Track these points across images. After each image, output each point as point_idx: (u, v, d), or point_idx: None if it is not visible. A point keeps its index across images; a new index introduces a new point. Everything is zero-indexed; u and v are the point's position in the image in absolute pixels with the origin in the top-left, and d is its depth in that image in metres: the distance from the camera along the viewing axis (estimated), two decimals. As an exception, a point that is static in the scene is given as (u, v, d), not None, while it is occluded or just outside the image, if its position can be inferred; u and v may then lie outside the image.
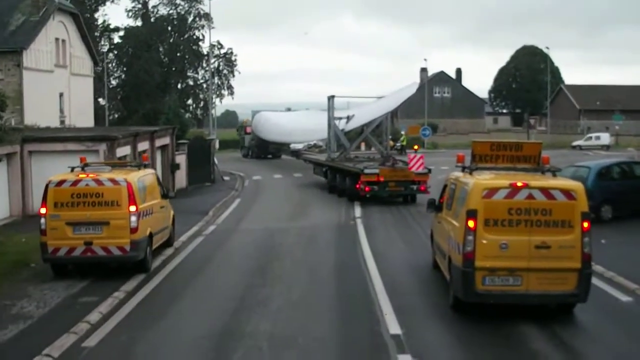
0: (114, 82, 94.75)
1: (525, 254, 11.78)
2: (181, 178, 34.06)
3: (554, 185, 12.11)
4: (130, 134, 25.98)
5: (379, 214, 25.87)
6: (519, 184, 11.97)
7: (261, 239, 20.89)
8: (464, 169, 13.80)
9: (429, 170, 28.37)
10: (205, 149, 37.97)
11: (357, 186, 27.79)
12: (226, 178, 40.77)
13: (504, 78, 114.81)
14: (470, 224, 11.91)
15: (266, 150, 57.21)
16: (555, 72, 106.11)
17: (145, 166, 17.95)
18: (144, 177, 16.68)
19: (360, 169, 27.97)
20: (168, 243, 18.74)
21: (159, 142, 30.28)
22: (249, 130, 59.89)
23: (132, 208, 15.02)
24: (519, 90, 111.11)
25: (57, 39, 43.16)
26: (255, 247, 19.58)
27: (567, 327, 11.89)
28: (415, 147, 34.76)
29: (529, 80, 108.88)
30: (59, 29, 43.64)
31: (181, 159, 34.23)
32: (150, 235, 16.21)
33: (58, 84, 43.17)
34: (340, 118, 34.91)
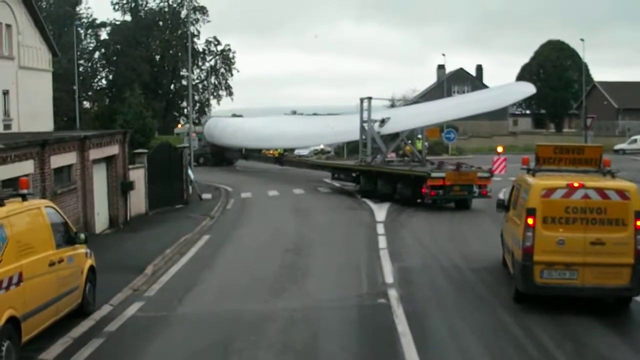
0: (101, 83, 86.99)
1: (581, 249, 12.51)
2: (138, 201, 25.23)
3: (609, 186, 12.84)
4: (29, 143, 16.72)
5: (424, 274, 15.97)
6: (576, 184, 12.74)
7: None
8: (528, 170, 14.29)
9: (492, 175, 27.90)
10: (175, 161, 28.91)
11: (423, 190, 27.00)
12: (206, 196, 31.91)
13: (526, 76, 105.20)
14: (530, 221, 12.71)
15: (222, 157, 53.06)
16: (585, 69, 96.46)
17: (24, 197, 11.26)
18: (9, 220, 10.32)
19: (427, 173, 27.16)
20: (82, 311, 12.52)
21: (98, 153, 21.46)
22: (194, 136, 55.58)
23: None
24: (544, 89, 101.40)
25: (-2, 24, 35.11)
26: None
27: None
28: (501, 148, 31.64)
29: (555, 77, 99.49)
30: (1, 11, 35.44)
31: (138, 174, 25.37)
32: (14, 322, 9.86)
33: (1, 79, 35.24)
34: (375, 121, 32.97)
